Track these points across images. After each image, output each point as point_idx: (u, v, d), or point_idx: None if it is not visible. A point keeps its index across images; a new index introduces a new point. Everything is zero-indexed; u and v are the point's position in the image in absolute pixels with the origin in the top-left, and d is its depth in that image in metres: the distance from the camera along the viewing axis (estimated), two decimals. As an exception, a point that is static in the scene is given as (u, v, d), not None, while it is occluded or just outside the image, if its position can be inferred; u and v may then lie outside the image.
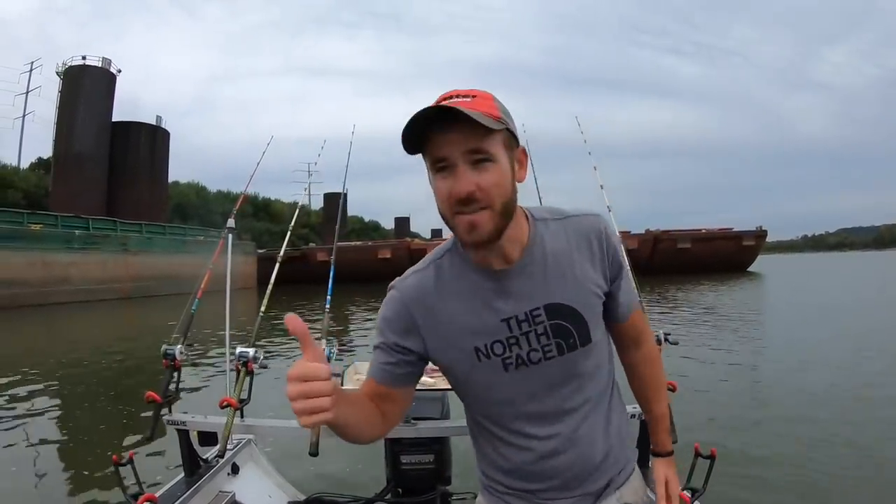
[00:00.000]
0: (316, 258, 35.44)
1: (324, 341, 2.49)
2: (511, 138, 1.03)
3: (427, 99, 0.98)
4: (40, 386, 7.32)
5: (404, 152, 0.99)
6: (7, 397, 6.72)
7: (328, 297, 2.92)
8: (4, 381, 7.56)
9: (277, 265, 3.05)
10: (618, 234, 1.20)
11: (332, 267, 3.02)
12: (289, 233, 3.46)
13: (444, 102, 0.97)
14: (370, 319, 16.02)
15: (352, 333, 13.34)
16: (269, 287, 2.87)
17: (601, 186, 2.98)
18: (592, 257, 1.12)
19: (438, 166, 0.99)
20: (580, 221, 1.14)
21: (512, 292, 1.09)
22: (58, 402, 6.58)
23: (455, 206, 0.98)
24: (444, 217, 1.03)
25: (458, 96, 0.99)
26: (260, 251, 36.25)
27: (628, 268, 1.23)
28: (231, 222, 2.94)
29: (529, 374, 1.11)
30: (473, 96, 0.99)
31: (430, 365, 2.75)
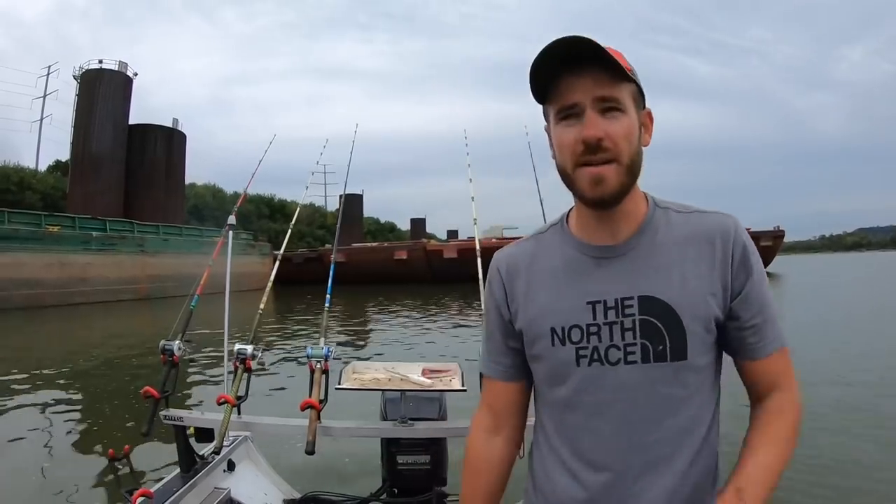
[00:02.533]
0: (332, 259, 35.52)
1: (322, 340, 2.49)
2: (640, 96, 0.93)
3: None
4: (48, 383, 7.43)
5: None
6: (15, 393, 6.82)
7: (328, 297, 2.93)
8: (16, 377, 7.72)
9: (277, 263, 3.08)
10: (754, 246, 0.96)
11: (333, 267, 3.03)
12: (289, 232, 3.49)
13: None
14: (381, 320, 16.06)
15: (358, 334, 13.38)
16: (269, 286, 2.88)
17: None
18: (712, 260, 0.93)
19: (565, 114, 0.91)
20: (707, 218, 0.97)
21: (607, 273, 0.95)
22: (63, 398, 6.66)
23: (580, 156, 0.89)
24: (563, 172, 0.94)
25: None
26: (276, 252, 36.39)
27: (768, 292, 0.96)
28: (232, 219, 2.97)
29: (603, 376, 0.94)
30: (605, 48, 0.90)
31: (427, 365, 2.75)
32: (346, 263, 35.79)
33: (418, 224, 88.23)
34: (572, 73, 0.88)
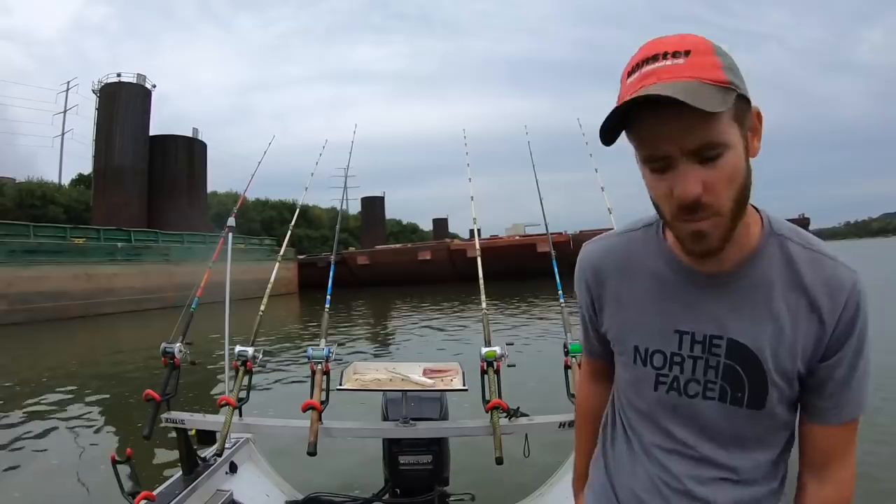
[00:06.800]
0: (356, 262, 35.96)
1: (322, 341, 2.50)
2: (743, 103, 0.76)
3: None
4: (55, 390, 7.56)
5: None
6: (22, 401, 6.94)
7: (328, 297, 2.93)
8: (25, 386, 7.92)
9: (277, 265, 3.09)
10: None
11: (332, 268, 3.03)
12: (289, 233, 3.51)
13: (646, 69, 0.74)
14: (394, 322, 16.06)
15: (369, 334, 13.41)
16: (269, 287, 2.88)
17: (602, 189, 3.00)
18: (819, 316, 0.83)
19: (652, 166, 0.78)
20: (829, 265, 0.84)
21: (702, 303, 0.88)
22: (68, 404, 6.77)
23: (677, 213, 0.78)
24: (659, 212, 0.83)
25: (665, 55, 0.74)
26: (300, 257, 36.67)
27: (865, 358, 0.86)
28: (231, 221, 3.00)
29: (679, 405, 0.92)
30: (687, 52, 0.73)
31: (428, 365, 2.75)
32: (369, 266, 35.91)
33: (441, 224, 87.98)
34: (654, 112, 0.72)
